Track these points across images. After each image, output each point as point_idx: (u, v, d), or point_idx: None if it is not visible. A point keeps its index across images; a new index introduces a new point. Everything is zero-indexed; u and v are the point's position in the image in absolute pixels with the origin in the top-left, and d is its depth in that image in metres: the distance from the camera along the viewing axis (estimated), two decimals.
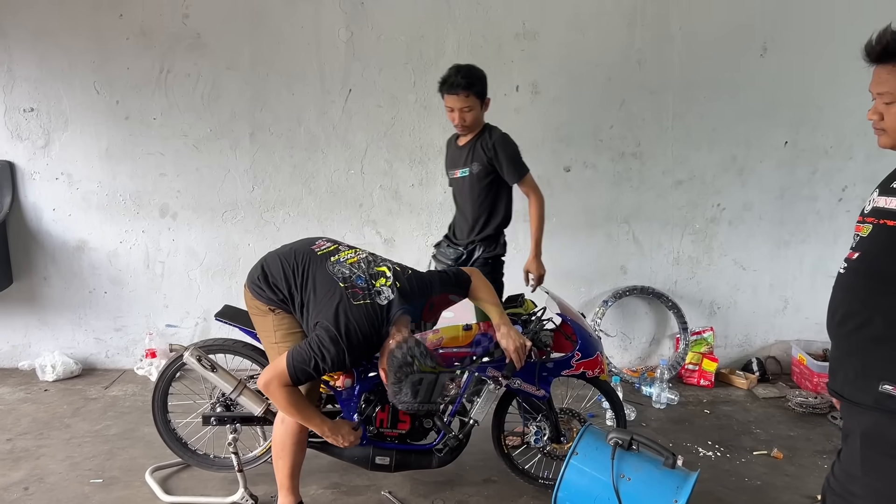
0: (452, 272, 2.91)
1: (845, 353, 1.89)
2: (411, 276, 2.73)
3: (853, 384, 1.84)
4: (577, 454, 2.76)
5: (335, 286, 2.58)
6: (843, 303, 1.90)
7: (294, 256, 2.72)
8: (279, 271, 2.70)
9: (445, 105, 3.46)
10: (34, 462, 3.41)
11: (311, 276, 2.65)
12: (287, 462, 2.78)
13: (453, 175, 3.68)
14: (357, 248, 2.83)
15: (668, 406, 4.29)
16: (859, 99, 4.43)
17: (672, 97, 4.43)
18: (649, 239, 4.67)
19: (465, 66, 3.42)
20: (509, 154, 3.53)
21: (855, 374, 1.83)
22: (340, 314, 2.50)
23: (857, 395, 1.82)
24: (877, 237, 1.82)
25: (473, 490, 3.27)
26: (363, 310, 2.53)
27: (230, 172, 4.42)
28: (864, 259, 1.85)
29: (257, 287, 2.74)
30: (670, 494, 2.59)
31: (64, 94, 4.26)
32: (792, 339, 4.85)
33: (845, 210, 4.65)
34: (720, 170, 4.56)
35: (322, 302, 2.57)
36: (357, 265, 2.68)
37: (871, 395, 1.77)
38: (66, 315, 4.58)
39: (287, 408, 2.62)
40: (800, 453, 3.75)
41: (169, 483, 3.24)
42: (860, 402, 1.81)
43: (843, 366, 1.89)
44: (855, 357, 1.84)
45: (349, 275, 2.62)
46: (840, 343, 1.92)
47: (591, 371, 3.05)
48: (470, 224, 3.64)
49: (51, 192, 4.39)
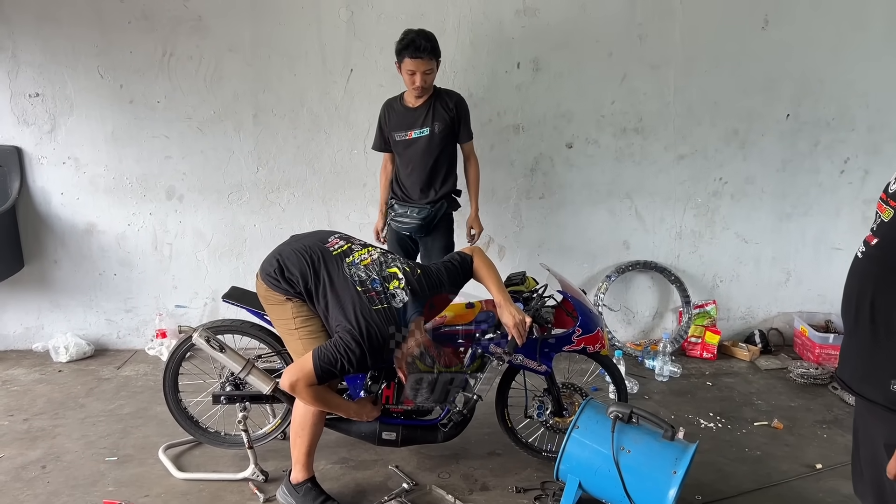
0: (457, 260, 2.96)
1: (856, 344, 1.83)
2: (421, 276, 2.80)
3: (862, 379, 1.79)
4: (579, 428, 2.83)
5: (354, 290, 2.67)
6: (857, 291, 1.81)
7: (310, 255, 2.78)
8: (296, 268, 2.76)
9: (404, 69, 3.64)
10: (51, 441, 3.51)
11: (328, 277, 2.73)
12: (305, 440, 2.87)
13: (405, 136, 3.83)
14: (369, 247, 2.90)
15: (670, 379, 4.35)
16: (861, 71, 4.49)
17: (673, 71, 4.43)
18: (652, 214, 4.70)
19: (421, 30, 3.62)
20: (468, 114, 3.90)
21: (865, 368, 1.78)
22: (360, 318, 2.61)
23: (867, 389, 1.77)
24: (891, 227, 1.72)
25: (478, 463, 3.35)
26: (382, 314, 2.64)
27: (234, 154, 4.46)
28: (882, 246, 1.75)
29: (273, 279, 2.79)
30: (669, 465, 2.66)
31: (68, 79, 4.30)
32: (794, 310, 4.89)
33: (847, 182, 4.66)
34: (722, 144, 4.57)
35: (342, 305, 2.67)
36: (371, 267, 2.76)
37: (882, 392, 1.71)
38: (77, 297, 4.66)
39: (315, 403, 2.76)
40: (800, 423, 3.81)
41: (181, 460, 3.33)
42: (870, 398, 1.75)
43: (852, 356, 1.84)
44: (866, 350, 1.78)
45: (365, 278, 2.71)
46: (852, 332, 1.84)
47: (592, 346, 3.10)
48: (427, 182, 3.88)
49: (58, 177, 4.44)
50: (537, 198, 4.62)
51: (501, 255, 4.68)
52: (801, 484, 3.22)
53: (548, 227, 4.68)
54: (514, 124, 4.47)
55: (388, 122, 3.89)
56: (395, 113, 3.87)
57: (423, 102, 3.80)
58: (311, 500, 2.88)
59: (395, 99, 3.91)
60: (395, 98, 3.92)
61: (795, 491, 3.16)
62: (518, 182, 4.59)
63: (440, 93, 3.86)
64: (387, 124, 3.90)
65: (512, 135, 4.49)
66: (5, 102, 4.30)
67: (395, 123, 3.87)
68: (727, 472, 3.30)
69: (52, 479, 3.15)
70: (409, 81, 3.68)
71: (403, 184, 3.94)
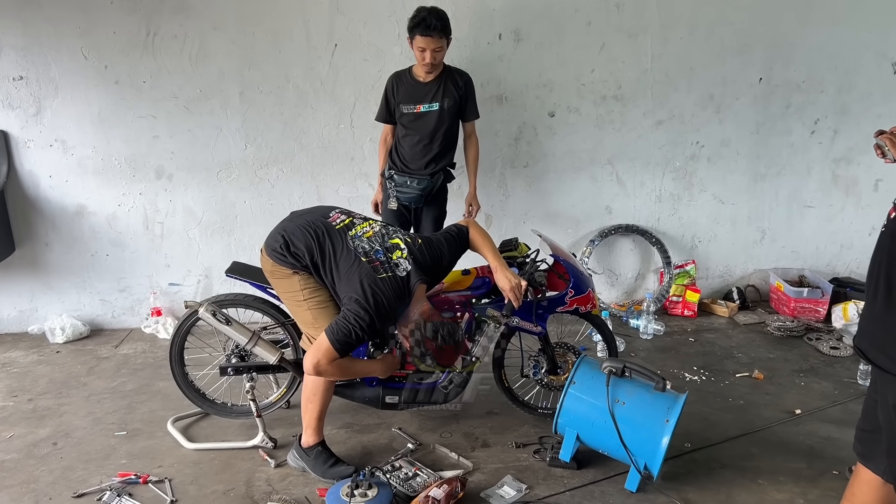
0: (454, 231, 3.08)
1: (872, 315, 1.89)
2: (422, 246, 2.92)
3: (878, 349, 1.86)
4: (575, 383, 2.99)
5: (359, 261, 2.77)
6: (877, 263, 1.87)
7: (315, 230, 2.86)
8: (301, 243, 2.84)
9: (416, 45, 3.75)
10: (58, 419, 3.58)
11: (332, 250, 2.82)
12: (317, 406, 2.99)
13: (413, 109, 3.94)
14: (370, 220, 3.00)
15: (654, 336, 4.53)
16: (829, 34, 4.64)
17: (650, 39, 4.54)
18: (632, 179, 4.84)
19: (433, 8, 3.72)
20: (474, 94, 4.06)
21: (879, 339, 1.85)
22: (367, 287, 2.71)
23: (880, 357, 1.85)
24: None
25: (478, 422, 3.50)
26: (387, 282, 2.74)
27: (222, 132, 4.49)
28: None
29: (279, 255, 2.88)
30: (661, 415, 2.83)
31: (52, 61, 4.28)
32: (770, 267, 5.10)
33: (818, 142, 4.84)
34: (698, 108, 4.71)
35: (348, 276, 2.77)
36: (374, 239, 2.87)
37: (893, 362, 1.79)
38: (70, 279, 4.69)
39: (342, 376, 2.95)
40: (778, 373, 4.02)
41: (190, 431, 3.43)
42: (884, 368, 1.83)
43: (870, 326, 1.90)
44: (881, 321, 1.85)
45: (369, 249, 2.82)
46: (871, 303, 1.91)
47: (584, 306, 3.25)
48: (434, 154, 4.01)
49: (46, 160, 4.45)
50: (522, 166, 4.73)
51: (488, 223, 4.80)
52: (783, 428, 3.43)
53: (532, 194, 4.80)
54: (497, 95, 4.56)
55: (397, 93, 3.96)
56: (405, 85, 3.95)
57: (433, 78, 3.90)
58: (322, 463, 3.00)
59: (405, 72, 3.99)
60: (404, 71, 4.00)
61: (778, 435, 3.37)
62: (503, 151, 4.70)
63: (451, 70, 3.96)
64: (395, 96, 3.97)
65: (495, 105, 4.58)
66: None
67: (404, 95, 3.94)
68: (713, 421, 3.49)
69: (64, 455, 3.23)
70: (419, 58, 3.78)
71: (404, 155, 4.02)
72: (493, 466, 3.11)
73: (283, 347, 3.35)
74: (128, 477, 3.01)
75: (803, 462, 3.12)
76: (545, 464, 3.11)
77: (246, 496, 2.92)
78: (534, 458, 3.17)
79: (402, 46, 4.39)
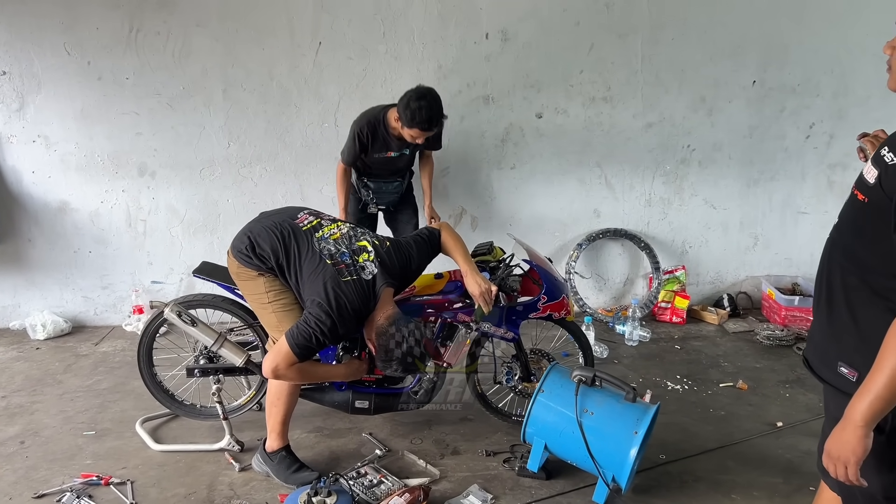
0: (425, 234, 3.01)
1: (816, 322, 1.85)
2: (390, 249, 2.84)
3: (818, 357, 1.81)
4: (544, 391, 2.92)
5: (323, 264, 2.70)
6: (819, 270, 1.83)
7: (280, 231, 2.80)
8: (267, 245, 2.78)
9: (408, 133, 3.62)
10: (29, 417, 3.55)
11: (298, 252, 2.76)
12: (281, 409, 2.94)
13: (385, 155, 3.89)
14: (338, 221, 2.93)
15: (640, 343, 4.45)
16: (826, 37, 4.54)
17: (641, 40, 4.46)
18: (621, 182, 4.76)
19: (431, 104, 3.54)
20: (442, 132, 3.94)
21: (820, 347, 1.80)
22: (330, 291, 2.63)
23: (822, 369, 1.79)
24: (849, 207, 1.71)
25: (450, 429, 3.44)
26: (351, 286, 2.66)
27: (205, 129, 4.46)
28: (838, 228, 1.77)
29: (245, 256, 2.82)
30: (630, 426, 2.75)
31: (35, 57, 4.26)
32: (762, 274, 5.00)
33: (813, 147, 4.74)
34: (689, 111, 4.63)
35: (312, 279, 2.70)
36: (340, 241, 2.79)
37: (832, 373, 1.73)
38: (52, 275, 4.67)
39: (301, 380, 2.86)
40: (764, 384, 3.93)
41: (159, 433, 3.39)
42: (824, 378, 1.78)
43: (815, 335, 1.86)
44: (823, 331, 1.79)
45: (335, 251, 2.74)
46: (815, 313, 1.86)
47: (558, 313, 3.17)
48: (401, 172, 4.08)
49: (29, 155, 4.43)
50: (508, 168, 4.67)
51: (474, 225, 4.74)
52: (762, 441, 3.34)
53: (519, 196, 4.73)
54: (484, 95, 4.50)
55: (372, 145, 3.83)
56: (380, 139, 3.83)
57: None
58: (286, 469, 2.95)
59: (379, 121, 3.79)
60: (379, 119, 3.79)
61: (756, 448, 3.28)
62: (489, 153, 4.63)
63: None
64: (370, 146, 3.84)
65: (482, 106, 4.52)
66: None
67: (378, 147, 3.86)
68: (691, 432, 3.41)
69: (30, 454, 3.20)
70: (407, 136, 3.68)
71: (374, 173, 4.02)
72: (461, 475, 3.05)
73: (252, 349, 3.30)
74: (90, 478, 2.97)
75: (780, 477, 3.04)
76: (514, 473, 3.04)
77: (206, 500, 2.87)
78: (503, 468, 3.10)
79: (387, 45, 4.35)
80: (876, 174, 1.57)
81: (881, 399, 1.50)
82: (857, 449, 1.56)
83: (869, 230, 1.62)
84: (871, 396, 1.51)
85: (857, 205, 1.65)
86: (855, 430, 1.55)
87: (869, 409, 1.52)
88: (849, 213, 1.73)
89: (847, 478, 1.61)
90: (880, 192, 1.55)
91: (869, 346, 1.58)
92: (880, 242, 1.58)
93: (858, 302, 1.67)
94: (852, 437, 1.55)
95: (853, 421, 1.55)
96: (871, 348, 1.55)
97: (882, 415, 1.54)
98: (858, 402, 1.54)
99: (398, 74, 4.41)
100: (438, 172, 4.51)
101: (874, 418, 1.53)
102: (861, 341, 1.66)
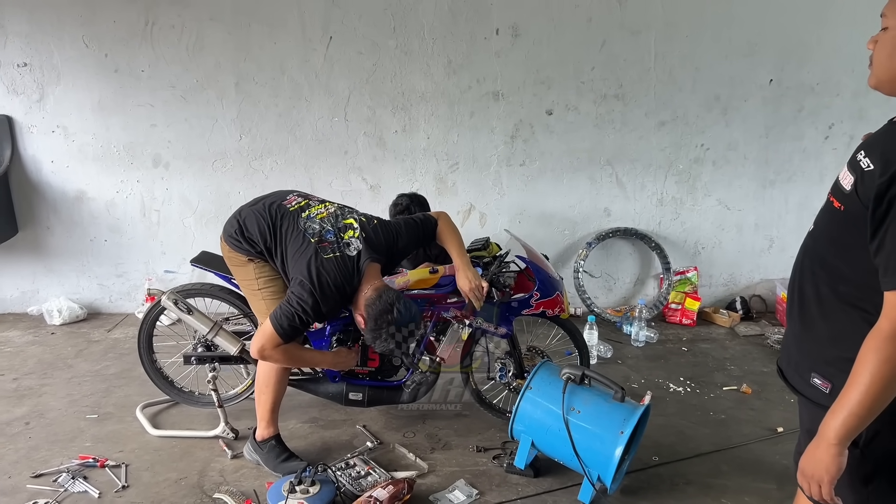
0: (420, 218, 2.99)
1: (789, 331, 1.80)
2: (377, 226, 2.84)
3: (791, 367, 1.76)
4: (532, 388, 2.90)
5: (307, 242, 2.71)
6: (791, 278, 1.78)
7: (268, 212, 2.83)
8: (255, 227, 2.81)
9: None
10: (37, 399, 3.65)
11: (284, 233, 2.78)
12: (269, 397, 2.97)
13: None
14: (327, 202, 2.94)
15: (646, 344, 4.40)
16: (846, 35, 4.42)
17: (654, 37, 4.40)
18: (633, 181, 4.70)
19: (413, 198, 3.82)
20: None
21: (793, 357, 1.75)
22: (313, 268, 2.64)
23: (795, 378, 1.74)
24: (825, 215, 1.66)
25: (444, 423, 3.44)
26: (333, 262, 2.66)
27: (218, 122, 4.52)
28: (812, 235, 1.72)
29: (234, 241, 2.86)
30: (617, 426, 2.72)
31: (55, 49, 4.37)
32: (777, 277, 4.89)
33: (832, 148, 4.63)
34: (703, 110, 4.54)
35: (296, 258, 2.71)
36: (326, 220, 2.80)
37: (805, 384, 1.69)
38: (70, 262, 4.79)
39: (288, 363, 2.86)
40: (769, 388, 3.84)
41: (158, 418, 3.46)
42: (797, 388, 1.73)
43: (787, 343, 1.81)
44: (793, 338, 1.76)
45: (319, 230, 2.75)
46: (788, 321, 1.80)
47: (552, 310, 3.15)
48: None
49: (48, 145, 4.54)
50: (518, 165, 4.64)
51: (483, 222, 4.73)
52: (760, 446, 3.27)
53: (528, 194, 4.70)
54: (494, 91, 4.48)
55: None
56: None
57: None
58: (275, 458, 2.98)
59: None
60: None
61: (753, 453, 3.21)
62: (498, 149, 4.61)
63: None
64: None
65: (492, 102, 4.50)
66: None
67: None
68: (688, 435, 3.36)
69: (33, 435, 3.29)
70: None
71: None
72: (449, 470, 3.05)
73: (248, 339, 3.33)
74: (87, 460, 3.04)
75: (774, 483, 2.97)
76: (502, 470, 3.03)
77: (196, 486, 2.92)
78: (492, 464, 3.10)
79: (397, 39, 4.36)
80: (852, 181, 1.51)
81: (855, 416, 1.45)
82: (830, 468, 1.51)
83: (844, 239, 1.57)
84: (844, 413, 1.46)
85: (833, 213, 1.59)
86: (829, 448, 1.50)
87: (843, 426, 1.47)
88: (824, 221, 1.67)
89: (821, 497, 1.56)
90: (856, 199, 1.49)
91: (842, 357, 1.54)
92: (855, 251, 1.53)
93: (831, 311, 1.63)
94: (825, 455, 1.51)
95: (827, 438, 1.50)
96: (845, 359, 1.51)
97: (857, 432, 1.49)
98: (832, 419, 1.49)
99: (408, 70, 4.42)
100: (447, 168, 4.52)
101: (848, 436, 1.49)
102: (834, 352, 1.61)
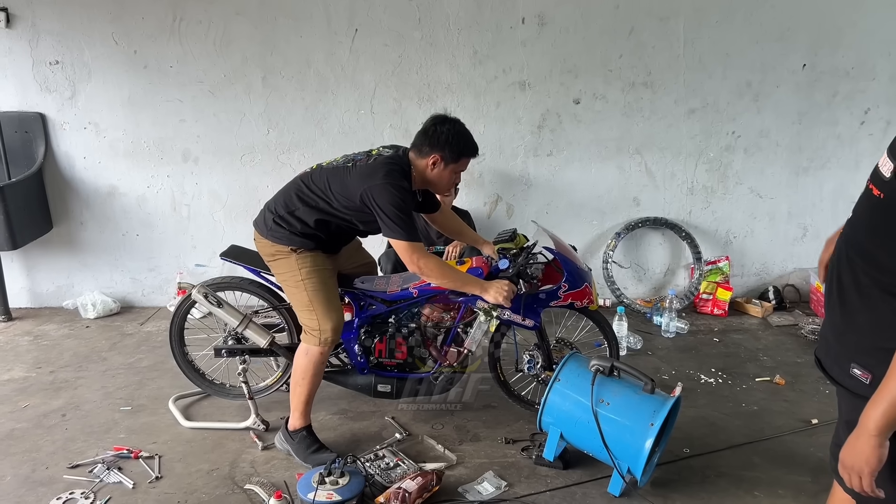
0: None
1: (828, 321, 1.77)
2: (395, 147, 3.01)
3: (830, 357, 1.74)
4: (560, 380, 2.88)
5: (345, 167, 2.84)
6: (830, 267, 1.75)
7: (293, 185, 2.94)
8: (294, 197, 2.89)
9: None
10: (72, 392, 3.72)
11: (321, 184, 2.85)
12: (305, 389, 2.99)
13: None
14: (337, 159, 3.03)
15: (677, 335, 4.35)
16: (881, 18, 4.31)
17: (683, 23, 4.33)
18: (662, 169, 4.64)
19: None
20: None
21: (832, 347, 1.73)
22: (366, 174, 2.74)
23: (834, 369, 1.72)
24: (864, 202, 1.62)
25: (472, 415, 3.43)
26: (379, 161, 2.79)
27: (245, 116, 4.55)
28: (851, 224, 1.68)
29: (275, 230, 2.90)
30: (647, 418, 2.69)
31: (85, 46, 4.43)
32: (811, 266, 4.80)
33: (868, 134, 4.52)
34: (734, 96, 4.47)
35: (344, 182, 2.80)
36: (345, 156, 2.95)
37: (844, 374, 1.66)
38: (103, 257, 4.87)
39: (441, 278, 2.88)
40: (803, 379, 3.78)
41: (190, 410, 3.50)
42: (836, 379, 1.71)
43: (825, 333, 1.79)
44: (832, 328, 1.73)
45: (349, 158, 2.90)
46: (827, 311, 1.77)
47: (580, 302, 3.12)
48: None
49: (80, 141, 4.61)
50: (545, 155, 4.61)
51: (510, 213, 4.70)
52: (794, 438, 3.22)
53: (556, 184, 4.67)
54: (520, 81, 4.45)
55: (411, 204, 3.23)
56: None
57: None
58: (305, 448, 3.00)
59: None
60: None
61: (786, 445, 3.16)
62: (525, 139, 4.58)
63: None
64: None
65: (518, 91, 4.47)
66: (28, 70, 4.46)
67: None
68: (719, 427, 3.32)
69: (69, 427, 3.35)
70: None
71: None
72: (478, 461, 3.05)
73: (279, 332, 3.37)
74: (121, 451, 3.09)
75: (808, 476, 2.92)
76: (531, 462, 3.02)
77: (228, 477, 2.95)
78: (521, 456, 3.09)
79: (422, 31, 4.35)
80: (892, 167, 1.47)
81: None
82: (870, 459, 1.49)
83: (883, 228, 1.53)
84: (885, 404, 1.44)
85: (872, 201, 1.55)
86: (869, 440, 1.48)
87: (883, 417, 1.45)
88: (863, 209, 1.63)
89: (862, 488, 1.54)
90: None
91: (883, 347, 1.51)
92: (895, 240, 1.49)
93: (871, 301, 1.59)
94: (866, 446, 1.49)
95: (867, 430, 1.48)
96: (885, 349, 1.48)
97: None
98: (872, 410, 1.47)
99: (434, 61, 4.40)
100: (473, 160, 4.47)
101: (889, 427, 1.46)
102: (874, 342, 1.58)
